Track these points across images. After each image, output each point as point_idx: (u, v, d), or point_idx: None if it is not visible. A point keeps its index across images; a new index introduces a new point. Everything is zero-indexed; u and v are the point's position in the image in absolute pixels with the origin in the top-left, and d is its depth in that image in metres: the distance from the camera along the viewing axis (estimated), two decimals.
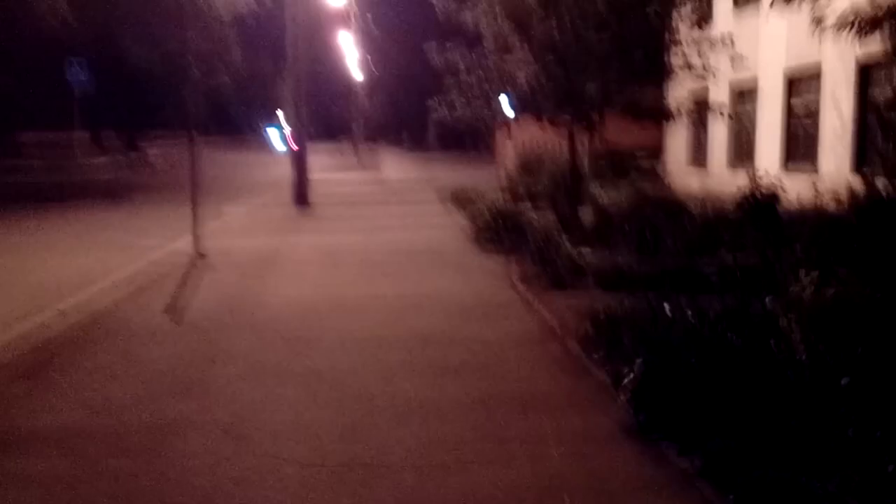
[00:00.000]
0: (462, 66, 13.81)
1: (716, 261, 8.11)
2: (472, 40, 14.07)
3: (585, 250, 9.23)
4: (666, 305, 5.80)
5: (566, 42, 12.29)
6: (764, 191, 10.80)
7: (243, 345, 6.53)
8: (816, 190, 10.63)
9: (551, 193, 14.89)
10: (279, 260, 10.95)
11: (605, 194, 14.23)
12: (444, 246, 11.91)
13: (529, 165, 18.80)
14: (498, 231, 11.65)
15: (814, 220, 9.11)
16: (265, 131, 67.10)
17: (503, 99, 16.31)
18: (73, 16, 33.11)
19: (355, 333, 6.85)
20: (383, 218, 16.09)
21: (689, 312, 5.57)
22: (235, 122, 72.32)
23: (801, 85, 15.13)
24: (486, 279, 9.18)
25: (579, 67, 12.53)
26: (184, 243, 11.20)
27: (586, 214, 12.83)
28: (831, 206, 9.81)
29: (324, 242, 12.56)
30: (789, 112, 15.65)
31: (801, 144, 15.10)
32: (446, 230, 13.65)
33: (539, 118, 14.01)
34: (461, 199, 17.13)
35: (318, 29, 54.11)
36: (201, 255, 10.77)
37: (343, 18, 43.30)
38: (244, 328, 7.11)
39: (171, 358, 6.16)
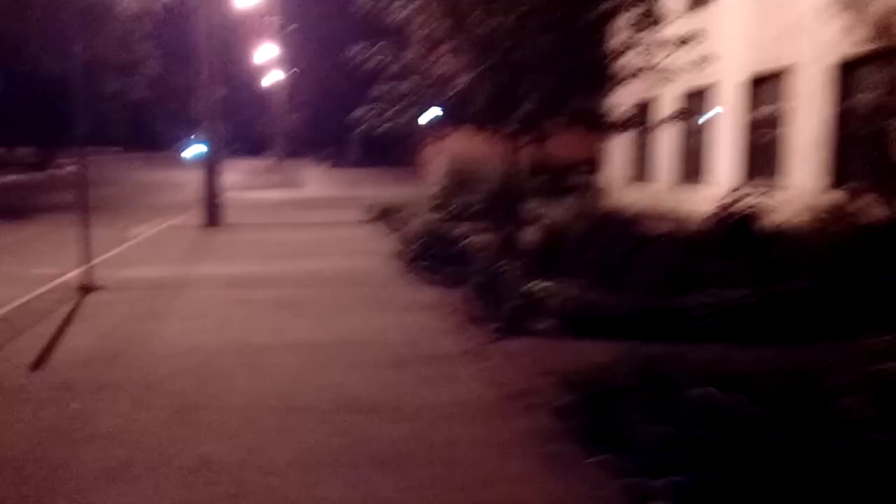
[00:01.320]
0: (390, 71, 12.42)
1: (698, 297, 6.79)
2: (403, 43, 12.66)
3: (541, 284, 7.83)
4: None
5: (510, 43, 11.01)
6: (741, 210, 9.58)
7: (117, 417, 4.99)
8: (789, 208, 9.48)
9: (489, 211, 13.51)
10: (181, 292, 9.26)
11: (548, 213, 12.96)
12: (374, 275, 10.39)
13: (463, 180, 17.38)
14: (434, 257, 10.18)
15: (800, 244, 7.88)
16: (184, 147, 64.47)
17: (433, 108, 14.95)
18: None
19: (261, 399, 5.33)
20: (305, 242, 14.46)
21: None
22: (156, 138, 69.38)
23: (768, 89, 14.02)
24: (425, 319, 7.70)
25: (523, 71, 11.26)
26: (80, 272, 9.50)
27: (531, 236, 11.52)
28: (812, 226, 8.62)
29: (235, 271, 10.88)
30: (753, 121, 14.48)
31: (766, 157, 13.94)
32: (376, 255, 12.13)
33: (477, 128, 12.66)
34: (391, 219, 15.64)
35: (237, 42, 52.16)
36: (93, 288, 9.17)
37: (263, 29, 41.48)
38: (123, 390, 5.56)
39: (19, 436, 4.69)
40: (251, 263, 11.68)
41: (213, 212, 17.42)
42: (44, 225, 16.80)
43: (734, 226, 9.34)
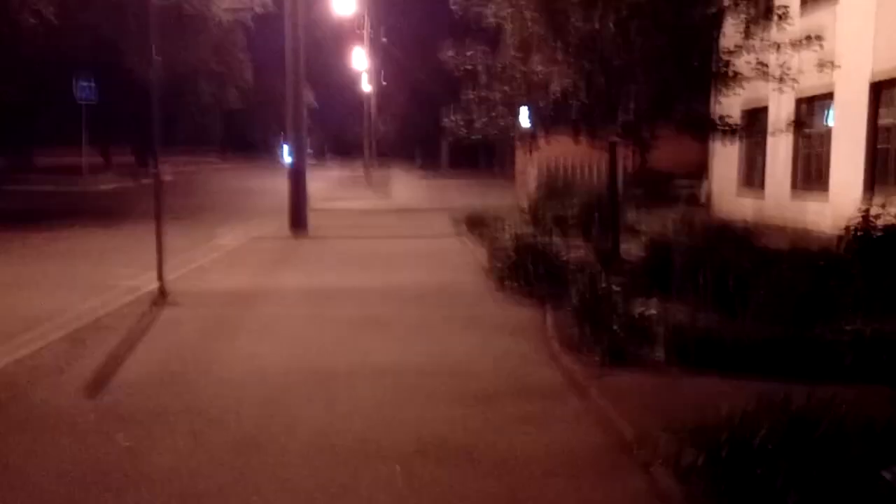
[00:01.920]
0: (482, 73, 11.75)
1: (838, 327, 5.80)
2: (495, 44, 11.97)
3: (645, 303, 6.96)
4: None
5: (611, 45, 10.19)
6: (881, 225, 8.43)
7: (168, 456, 4.42)
8: None
9: (585, 222, 12.64)
10: (256, 307, 8.72)
11: (651, 225, 12.02)
12: (461, 290, 9.66)
13: (556, 188, 16.48)
14: (526, 271, 9.37)
15: None
16: (280, 150, 65.38)
17: (527, 114, 14.18)
18: (84, 33, 31.63)
19: (331, 440, 4.66)
20: (389, 251, 13.86)
21: None
22: (253, 144, 70.61)
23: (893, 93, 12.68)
24: (518, 343, 6.91)
25: (625, 74, 10.41)
26: (155, 284, 9.18)
27: (632, 249, 10.62)
28: None
29: (315, 284, 10.31)
30: (878, 127, 13.13)
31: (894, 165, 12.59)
32: (463, 268, 11.43)
33: (574, 134, 11.84)
34: (479, 228, 14.90)
35: (330, 49, 52.55)
36: (167, 301, 8.77)
37: (355, 33, 41.42)
38: (179, 420, 4.99)
39: (58, 478, 4.13)
40: (333, 275, 11.12)
41: (298, 220, 17.02)
42: (133, 232, 16.72)
43: (874, 243, 8.20)
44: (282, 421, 4.96)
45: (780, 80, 10.49)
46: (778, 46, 10.33)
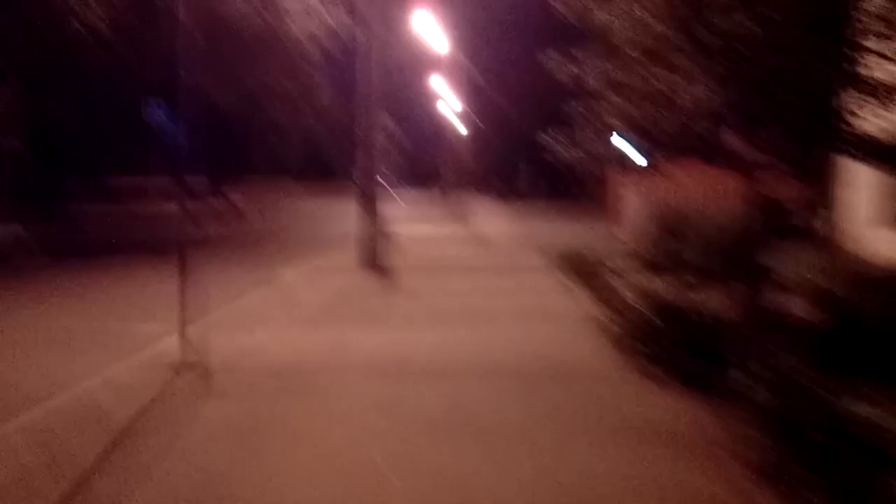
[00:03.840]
0: (591, 81, 9.75)
1: None
2: (598, 53, 9.93)
3: (867, 408, 4.64)
4: None
5: (752, 51, 7.93)
6: None
7: None
8: None
9: (724, 270, 10.26)
10: (306, 391, 6.55)
11: (783, 266, 9.65)
12: (578, 364, 7.36)
13: (669, 223, 14.02)
14: (663, 337, 7.09)
15: None
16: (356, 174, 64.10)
17: (630, 135, 12.03)
18: (153, 53, 30.80)
19: None
20: (474, 294, 11.70)
21: None
22: (328, 166, 69.51)
23: None
24: (680, 465, 4.65)
25: (768, 87, 8.13)
26: (192, 331, 7.26)
27: (790, 306, 8.30)
28: None
29: (388, 347, 8.17)
30: None
31: None
32: (566, 321, 9.22)
33: (705, 157, 9.61)
34: (578, 268, 12.70)
35: (407, 66, 51.11)
36: (191, 368, 6.90)
37: (435, 57, 39.69)
38: None
39: None
40: (412, 330, 8.98)
41: (370, 251, 15.07)
42: (194, 266, 14.75)
43: None
44: None
45: None
46: None
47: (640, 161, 18.25)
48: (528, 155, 45.68)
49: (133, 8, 26.83)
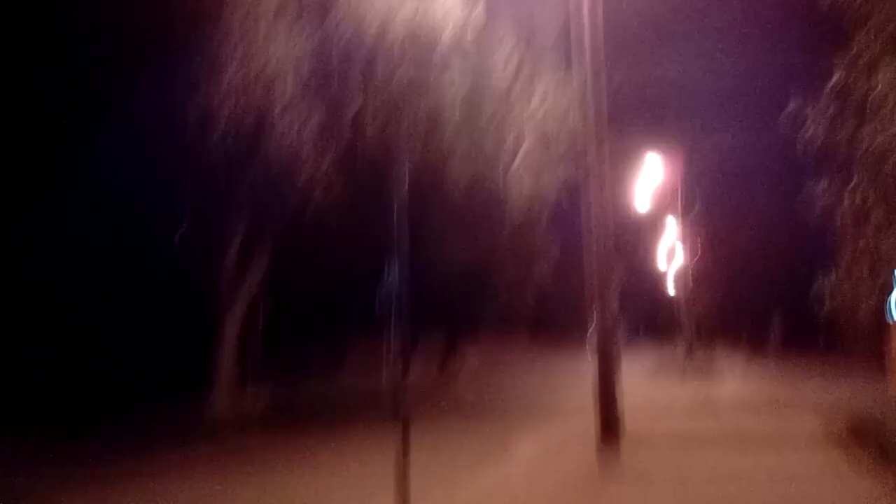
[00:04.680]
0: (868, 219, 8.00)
1: None
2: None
3: None
4: None
5: None
6: None
7: None
8: None
9: None
10: None
11: None
12: None
13: None
14: None
15: None
16: (588, 333, 62.26)
17: None
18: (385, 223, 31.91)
19: None
20: (747, 486, 9.47)
21: None
22: (559, 321, 68.43)
23: None
24: None
25: None
26: None
27: None
28: None
29: None
30: None
31: None
32: None
33: None
34: (875, 441, 10.21)
35: (636, 216, 49.72)
36: None
37: (666, 202, 38.21)
38: None
39: None
40: None
41: (608, 421, 13.26)
42: (420, 440, 13.45)
43: None
44: None
45: None
46: None
47: None
48: (784, 304, 41.70)
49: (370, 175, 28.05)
